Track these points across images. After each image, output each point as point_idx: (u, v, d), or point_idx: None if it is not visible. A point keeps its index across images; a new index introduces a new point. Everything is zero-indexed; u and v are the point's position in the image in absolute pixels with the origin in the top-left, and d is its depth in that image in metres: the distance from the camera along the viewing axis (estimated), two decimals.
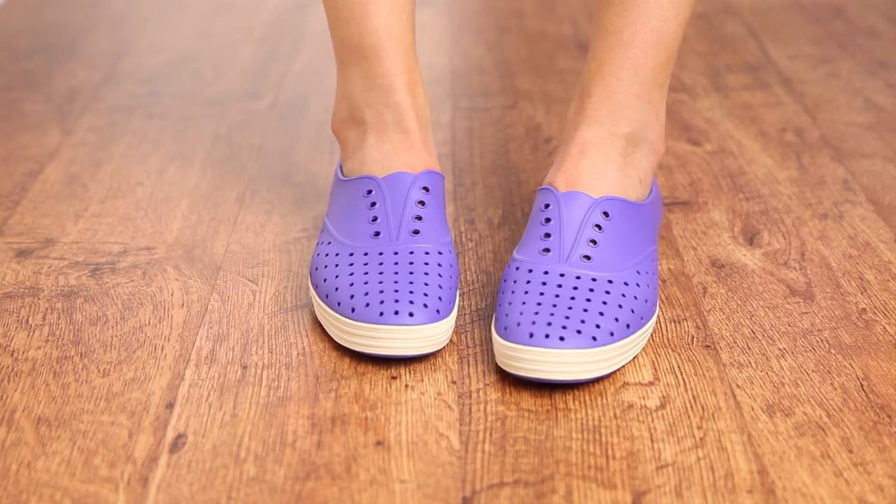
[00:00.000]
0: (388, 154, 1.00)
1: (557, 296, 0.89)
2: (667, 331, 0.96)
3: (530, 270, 0.92)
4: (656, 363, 0.91)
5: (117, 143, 1.31)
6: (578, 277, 0.91)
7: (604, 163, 0.98)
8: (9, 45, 1.62)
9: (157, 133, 1.34)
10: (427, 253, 0.94)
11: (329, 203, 1.04)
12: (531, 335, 0.86)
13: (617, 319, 0.88)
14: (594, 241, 0.94)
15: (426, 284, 0.91)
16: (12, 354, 0.93)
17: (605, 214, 0.95)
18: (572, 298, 0.89)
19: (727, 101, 1.42)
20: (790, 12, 1.74)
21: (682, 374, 0.90)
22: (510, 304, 0.90)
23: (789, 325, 0.97)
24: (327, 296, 0.93)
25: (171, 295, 1.01)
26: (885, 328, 0.96)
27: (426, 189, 0.98)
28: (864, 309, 0.99)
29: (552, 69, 1.53)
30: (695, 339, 0.94)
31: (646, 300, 0.92)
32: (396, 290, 0.90)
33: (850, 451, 0.82)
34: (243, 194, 1.19)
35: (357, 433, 0.83)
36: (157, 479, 0.79)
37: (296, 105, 1.41)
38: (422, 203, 0.98)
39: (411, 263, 0.93)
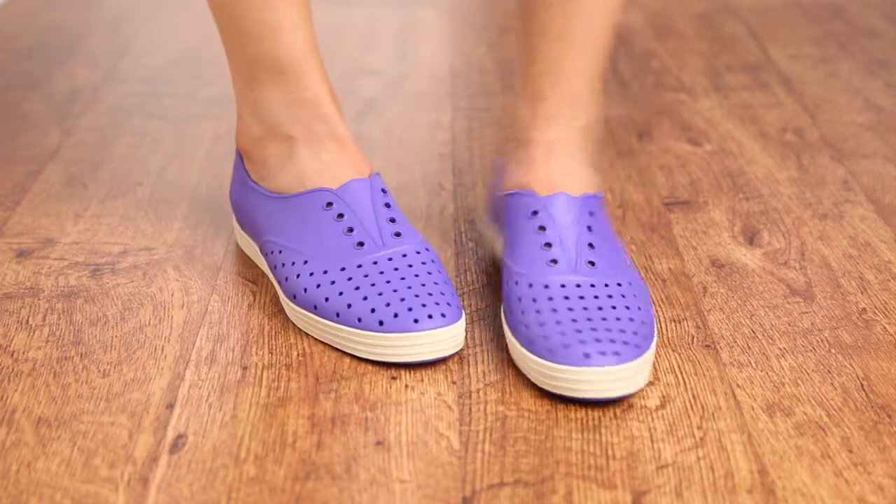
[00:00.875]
0: (331, 164, 0.98)
1: (586, 308, 0.88)
2: (667, 330, 0.96)
3: (546, 286, 0.91)
4: (656, 363, 0.91)
5: (117, 143, 1.31)
6: (593, 286, 0.91)
7: (570, 160, 0.98)
8: (9, 45, 1.62)
9: (157, 133, 1.34)
10: (418, 252, 0.94)
11: (264, 223, 1.00)
12: (587, 355, 0.84)
13: (644, 322, 0.88)
14: (592, 245, 0.93)
15: (436, 284, 0.92)
16: (12, 355, 0.93)
17: (591, 214, 0.95)
18: (600, 309, 0.88)
19: (727, 101, 1.42)
20: (790, 12, 1.74)
21: (682, 373, 0.90)
22: (542, 324, 0.88)
23: (789, 324, 0.97)
24: (338, 314, 0.91)
25: (172, 295, 1.01)
26: (885, 328, 0.96)
27: (384, 191, 0.98)
28: (864, 309, 0.99)
29: None
30: (695, 339, 0.94)
31: (646, 290, 0.93)
32: (417, 295, 0.90)
33: (850, 451, 0.82)
34: None
35: (357, 433, 0.83)
36: (157, 480, 0.79)
37: None
38: (388, 205, 0.97)
39: (410, 266, 0.93)
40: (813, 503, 0.77)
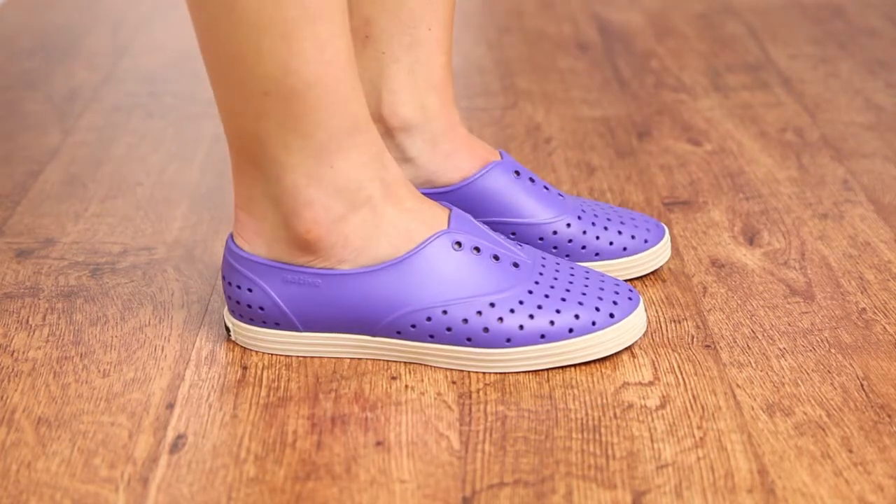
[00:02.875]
0: (420, 208, 0.92)
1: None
2: (667, 330, 0.96)
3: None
4: (656, 363, 0.91)
5: (117, 143, 1.31)
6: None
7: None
8: (9, 45, 1.62)
9: (157, 133, 1.34)
10: (544, 258, 0.96)
11: (380, 302, 0.90)
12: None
13: None
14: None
15: (587, 276, 0.95)
16: (12, 355, 0.93)
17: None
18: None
19: (727, 101, 1.42)
20: (790, 12, 1.74)
21: (682, 373, 0.90)
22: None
23: (789, 324, 0.97)
24: (559, 332, 0.91)
25: (172, 295, 1.01)
26: (885, 328, 0.96)
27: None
28: (864, 308, 0.99)
29: (552, 69, 1.53)
30: (695, 339, 0.94)
31: None
32: (594, 290, 0.93)
33: (850, 451, 0.82)
34: None
35: (357, 433, 0.84)
36: (157, 480, 0.79)
37: None
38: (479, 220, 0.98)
39: (557, 270, 0.95)
40: (813, 503, 0.77)
